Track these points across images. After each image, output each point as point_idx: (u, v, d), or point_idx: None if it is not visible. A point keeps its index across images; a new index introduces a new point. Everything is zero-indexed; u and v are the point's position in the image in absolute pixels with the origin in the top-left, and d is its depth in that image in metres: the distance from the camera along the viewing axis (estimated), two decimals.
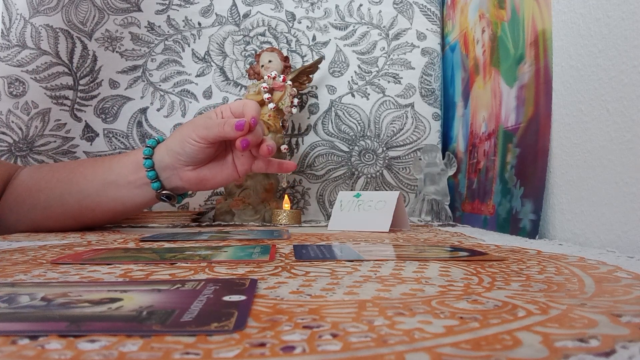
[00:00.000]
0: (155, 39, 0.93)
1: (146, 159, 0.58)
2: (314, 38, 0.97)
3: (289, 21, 0.97)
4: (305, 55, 0.97)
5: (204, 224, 0.80)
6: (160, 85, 0.93)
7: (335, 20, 0.98)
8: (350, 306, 0.20)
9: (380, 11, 0.98)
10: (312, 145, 0.95)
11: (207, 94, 0.94)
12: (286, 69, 0.89)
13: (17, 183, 0.62)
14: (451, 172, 0.83)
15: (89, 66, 0.90)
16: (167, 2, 0.94)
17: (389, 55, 0.97)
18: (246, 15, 0.96)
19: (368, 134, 0.95)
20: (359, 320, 0.17)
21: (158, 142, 0.60)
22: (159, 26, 0.94)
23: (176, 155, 0.57)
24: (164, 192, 0.59)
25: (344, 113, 0.96)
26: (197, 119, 0.58)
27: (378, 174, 0.95)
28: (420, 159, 0.87)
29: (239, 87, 0.95)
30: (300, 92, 0.93)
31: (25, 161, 0.85)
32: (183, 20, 0.94)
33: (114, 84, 0.91)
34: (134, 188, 0.59)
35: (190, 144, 0.56)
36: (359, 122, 0.95)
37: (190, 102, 0.93)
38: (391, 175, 0.95)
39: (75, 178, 0.60)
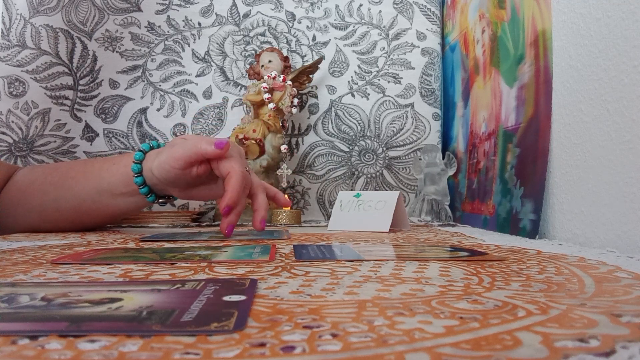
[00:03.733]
0: (155, 39, 0.93)
1: (136, 176, 0.55)
2: (314, 38, 0.97)
3: (289, 21, 0.97)
4: (305, 55, 0.97)
5: (204, 224, 0.80)
6: (160, 85, 0.93)
7: (335, 20, 0.98)
8: (350, 306, 0.20)
9: (380, 11, 0.98)
10: (312, 145, 0.95)
11: (207, 94, 0.94)
12: (286, 69, 0.89)
13: (11, 185, 0.62)
14: (451, 172, 0.83)
15: (89, 66, 0.90)
16: (167, 2, 0.94)
17: (389, 55, 0.97)
18: (246, 15, 0.96)
19: (368, 134, 0.95)
20: (359, 320, 0.17)
21: (145, 152, 0.56)
22: (159, 26, 0.94)
23: (159, 179, 0.54)
24: (160, 200, 0.58)
25: (344, 113, 0.96)
26: (175, 141, 0.55)
27: (378, 174, 0.95)
28: (420, 159, 0.87)
29: (239, 87, 0.95)
30: (300, 92, 0.93)
31: (25, 161, 0.85)
32: (183, 20, 0.94)
33: (114, 84, 0.91)
34: (128, 197, 0.57)
35: (168, 170, 0.53)
36: (359, 122, 0.95)
37: (190, 102, 0.93)
38: (391, 175, 0.95)
39: (68, 183, 0.59)
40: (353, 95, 0.96)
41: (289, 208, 0.79)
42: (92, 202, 0.59)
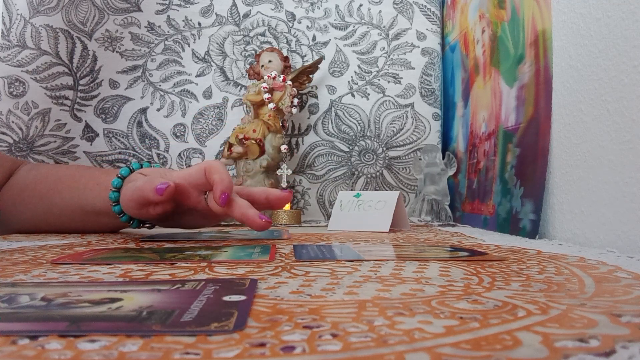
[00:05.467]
0: (155, 39, 0.93)
1: (114, 205, 0.51)
2: (314, 38, 0.97)
3: (289, 21, 0.97)
4: (305, 55, 0.97)
5: None
6: (160, 85, 0.93)
7: (335, 20, 0.98)
8: (350, 306, 0.20)
9: (380, 11, 0.98)
10: (312, 145, 0.95)
11: (207, 94, 0.94)
12: (286, 69, 0.89)
13: (12, 183, 0.61)
14: (451, 172, 0.83)
15: (89, 66, 0.90)
16: (167, 2, 0.94)
17: (389, 55, 0.97)
18: (246, 15, 0.96)
19: (368, 134, 0.95)
20: (359, 320, 0.17)
21: (123, 178, 0.51)
22: (159, 26, 0.94)
23: (134, 215, 0.51)
24: (146, 225, 0.56)
25: (344, 113, 0.96)
26: (132, 176, 0.50)
27: (378, 174, 0.95)
28: (420, 159, 0.87)
29: (239, 87, 0.95)
30: (300, 92, 0.93)
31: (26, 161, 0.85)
32: (183, 20, 0.94)
33: (114, 84, 0.91)
34: (114, 219, 0.53)
35: (128, 210, 0.49)
36: (359, 122, 0.95)
37: (190, 102, 0.93)
38: (391, 175, 0.95)
39: (54, 198, 0.57)
40: (353, 95, 0.96)
41: (289, 206, 0.79)
42: (79, 220, 0.57)
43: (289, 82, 0.86)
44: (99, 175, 0.58)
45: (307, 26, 0.97)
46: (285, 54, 0.93)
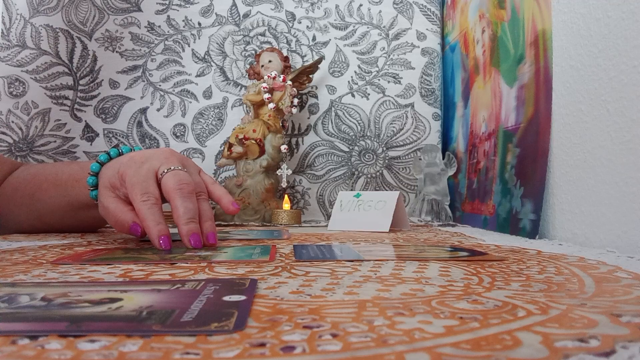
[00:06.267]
0: (155, 39, 0.93)
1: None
2: (314, 38, 0.97)
3: (289, 21, 0.97)
4: (305, 55, 0.97)
5: None
6: (160, 85, 0.93)
7: (335, 20, 0.98)
8: (350, 306, 0.20)
9: (380, 11, 0.98)
10: (312, 145, 0.95)
11: (207, 94, 0.94)
12: (286, 69, 0.89)
13: (6, 185, 0.61)
14: (451, 172, 0.83)
15: (89, 66, 0.90)
16: (167, 2, 0.94)
17: (389, 55, 0.97)
18: (246, 15, 0.96)
19: (368, 134, 0.95)
20: (359, 320, 0.17)
21: (96, 174, 0.49)
22: (159, 26, 0.94)
23: None
24: None
25: (344, 113, 0.96)
26: (106, 201, 0.47)
27: (378, 174, 0.95)
28: (420, 159, 0.87)
29: (239, 87, 0.95)
30: (300, 92, 0.93)
31: (25, 161, 0.85)
32: (183, 20, 0.94)
33: (114, 84, 0.91)
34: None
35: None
36: (359, 122, 0.95)
37: (190, 102, 0.93)
38: (391, 175, 0.95)
39: (42, 196, 0.57)
40: (353, 95, 0.96)
41: (289, 206, 0.79)
42: (72, 216, 0.58)
43: (289, 82, 0.86)
44: (76, 170, 0.56)
45: (307, 26, 0.97)
46: (285, 54, 0.93)
